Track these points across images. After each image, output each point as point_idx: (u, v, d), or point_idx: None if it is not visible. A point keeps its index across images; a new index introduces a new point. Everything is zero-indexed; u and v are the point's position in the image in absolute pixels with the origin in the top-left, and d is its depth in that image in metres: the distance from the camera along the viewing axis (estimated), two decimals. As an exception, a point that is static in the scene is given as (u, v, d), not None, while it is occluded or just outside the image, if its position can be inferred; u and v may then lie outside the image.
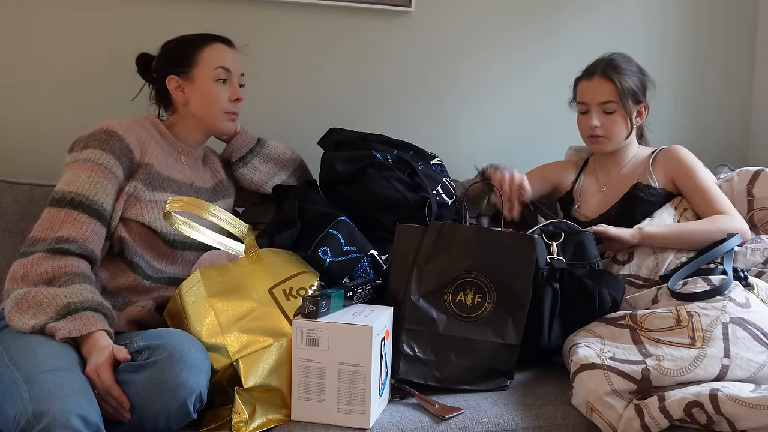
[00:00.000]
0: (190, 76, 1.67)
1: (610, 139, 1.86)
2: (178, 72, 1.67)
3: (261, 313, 1.38)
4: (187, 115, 1.69)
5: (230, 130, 1.75)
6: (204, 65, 1.66)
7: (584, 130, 1.89)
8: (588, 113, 1.87)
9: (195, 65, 1.66)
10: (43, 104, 1.99)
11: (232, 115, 1.72)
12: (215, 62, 1.67)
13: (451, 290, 1.50)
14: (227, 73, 1.69)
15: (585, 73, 1.90)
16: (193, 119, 1.69)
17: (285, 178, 1.87)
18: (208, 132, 1.73)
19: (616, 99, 1.83)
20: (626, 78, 1.84)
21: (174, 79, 1.67)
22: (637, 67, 1.89)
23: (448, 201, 1.83)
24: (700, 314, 1.46)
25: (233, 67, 1.70)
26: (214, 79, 1.67)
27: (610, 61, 1.87)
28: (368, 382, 1.31)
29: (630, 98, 1.84)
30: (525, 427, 1.39)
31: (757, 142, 2.52)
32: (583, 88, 1.88)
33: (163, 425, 1.25)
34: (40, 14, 1.97)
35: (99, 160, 1.50)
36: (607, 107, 1.84)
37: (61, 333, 1.29)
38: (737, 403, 1.29)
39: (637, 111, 1.87)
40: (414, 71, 2.26)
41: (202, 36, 1.70)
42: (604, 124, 1.85)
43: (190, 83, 1.67)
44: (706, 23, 2.48)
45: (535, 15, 2.34)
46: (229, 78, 1.69)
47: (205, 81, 1.66)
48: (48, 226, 1.44)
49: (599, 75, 1.85)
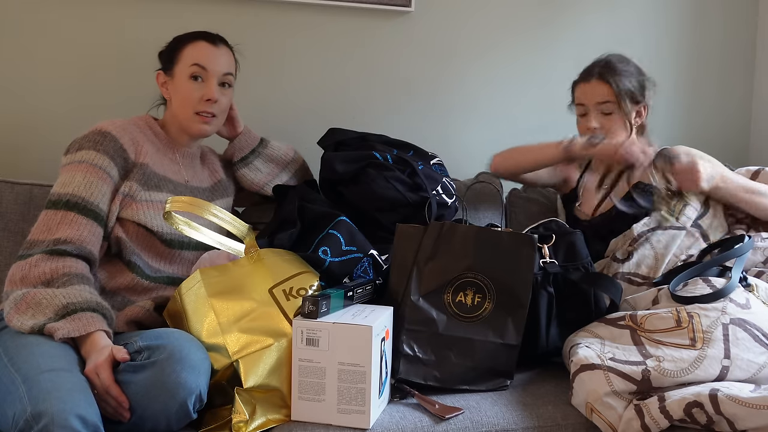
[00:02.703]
0: (171, 73, 1.66)
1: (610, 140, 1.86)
2: (165, 69, 1.68)
3: (261, 313, 1.38)
4: (170, 112, 1.69)
5: (201, 132, 1.67)
6: (183, 62, 1.65)
7: (584, 132, 1.89)
8: (586, 115, 1.88)
9: (177, 62, 1.66)
10: (44, 104, 1.99)
11: (205, 116, 1.65)
12: (192, 59, 1.64)
13: (451, 290, 1.49)
14: (202, 70, 1.64)
15: (582, 75, 1.91)
16: (173, 117, 1.68)
17: (286, 180, 1.87)
18: (185, 132, 1.68)
19: (614, 99, 1.83)
20: (623, 79, 1.84)
21: (161, 75, 1.68)
22: (634, 68, 1.89)
23: (448, 201, 1.83)
24: (700, 315, 1.46)
25: (210, 66, 1.64)
26: (188, 76, 1.64)
27: (607, 63, 1.87)
28: (368, 382, 1.31)
29: (628, 99, 1.84)
30: (525, 427, 1.39)
31: (757, 142, 2.52)
32: (581, 90, 1.89)
33: (163, 425, 1.25)
34: (42, 14, 1.97)
35: (93, 161, 1.50)
36: (605, 108, 1.85)
37: (60, 333, 1.28)
38: (737, 403, 1.29)
39: (636, 111, 1.87)
40: (414, 71, 2.26)
41: (191, 34, 1.68)
42: (603, 125, 1.85)
43: (172, 80, 1.66)
44: (706, 23, 2.48)
45: (535, 15, 2.34)
46: (204, 76, 1.64)
47: (181, 78, 1.64)
48: (45, 229, 1.44)
49: (596, 77, 1.86)
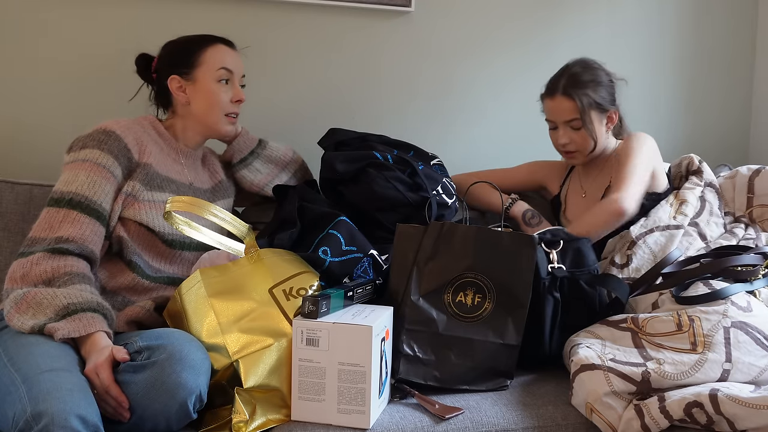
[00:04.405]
0: (192, 77, 1.67)
1: (582, 152, 1.87)
2: (181, 72, 1.67)
3: (261, 313, 1.38)
4: (187, 115, 1.69)
5: (229, 133, 1.75)
6: (207, 66, 1.67)
7: (556, 145, 1.90)
8: (556, 129, 1.87)
9: (198, 66, 1.67)
10: (44, 104, 1.99)
11: (232, 117, 1.72)
12: (218, 63, 1.67)
13: (451, 290, 1.49)
14: (229, 73, 1.69)
15: (547, 90, 1.88)
16: (194, 120, 1.70)
17: (286, 180, 1.87)
18: (208, 134, 1.73)
19: (579, 115, 1.82)
20: (587, 92, 1.81)
21: (176, 80, 1.67)
22: (600, 74, 1.85)
23: (448, 201, 1.83)
24: (701, 319, 1.45)
25: (235, 68, 1.71)
26: (217, 80, 1.67)
27: (570, 77, 1.83)
28: (368, 382, 1.31)
29: (594, 111, 1.82)
30: (525, 427, 1.39)
31: (757, 142, 2.52)
32: (547, 106, 1.88)
33: (163, 425, 1.25)
34: (41, 14, 1.97)
35: (97, 160, 1.50)
36: (573, 124, 1.84)
37: (60, 333, 1.28)
38: (737, 403, 1.29)
39: (607, 117, 1.86)
40: (414, 71, 2.26)
41: (205, 37, 1.71)
42: (573, 140, 1.85)
43: (192, 84, 1.67)
44: (707, 23, 2.48)
45: (534, 15, 2.34)
46: (231, 79, 1.70)
47: (208, 82, 1.67)
48: (47, 226, 1.44)
49: (560, 93, 1.83)
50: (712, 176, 1.95)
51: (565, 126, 1.84)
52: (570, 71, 1.85)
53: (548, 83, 1.89)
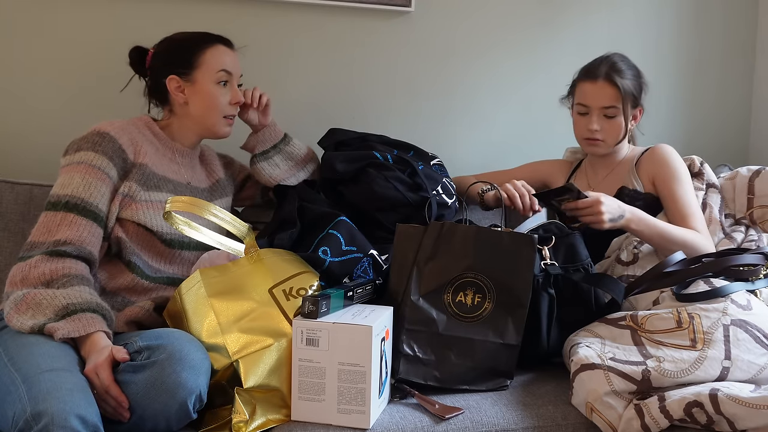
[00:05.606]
0: (191, 78, 1.66)
1: (607, 143, 1.86)
2: (180, 73, 1.66)
3: (261, 313, 1.38)
4: (184, 116, 1.69)
5: (226, 134, 1.73)
6: (206, 67, 1.66)
7: (581, 131, 1.87)
8: (588, 115, 1.85)
9: (197, 67, 1.66)
10: (44, 104, 1.99)
11: (230, 119, 1.72)
12: (218, 65, 1.67)
13: (451, 290, 1.49)
14: (228, 75, 1.69)
15: (586, 74, 1.87)
16: (191, 121, 1.69)
17: (303, 178, 1.88)
18: (205, 134, 1.72)
19: (619, 104, 1.81)
20: (627, 82, 1.82)
21: (175, 80, 1.66)
22: (636, 70, 1.87)
23: (448, 201, 1.83)
24: (701, 316, 1.45)
25: (234, 70, 1.70)
26: (216, 82, 1.67)
27: (613, 64, 1.84)
28: (368, 382, 1.31)
29: (630, 102, 1.83)
30: (525, 427, 1.39)
31: (757, 142, 2.52)
32: (586, 89, 1.85)
33: (163, 425, 1.25)
34: (40, 14, 1.97)
35: (92, 162, 1.51)
36: (609, 112, 1.82)
37: (59, 333, 1.29)
38: (737, 402, 1.29)
39: (633, 114, 1.86)
40: (414, 71, 2.26)
41: (204, 36, 1.69)
42: (604, 128, 1.84)
43: (191, 85, 1.66)
44: (706, 23, 2.48)
45: (535, 15, 2.34)
46: (229, 80, 1.69)
47: (207, 83, 1.66)
48: (45, 230, 1.44)
49: (603, 78, 1.82)
50: (714, 177, 1.95)
51: (600, 112, 1.83)
52: (612, 59, 1.85)
53: (586, 68, 1.88)
